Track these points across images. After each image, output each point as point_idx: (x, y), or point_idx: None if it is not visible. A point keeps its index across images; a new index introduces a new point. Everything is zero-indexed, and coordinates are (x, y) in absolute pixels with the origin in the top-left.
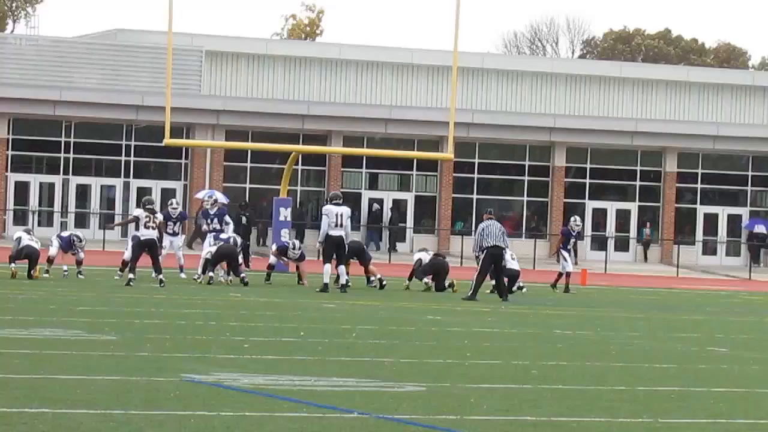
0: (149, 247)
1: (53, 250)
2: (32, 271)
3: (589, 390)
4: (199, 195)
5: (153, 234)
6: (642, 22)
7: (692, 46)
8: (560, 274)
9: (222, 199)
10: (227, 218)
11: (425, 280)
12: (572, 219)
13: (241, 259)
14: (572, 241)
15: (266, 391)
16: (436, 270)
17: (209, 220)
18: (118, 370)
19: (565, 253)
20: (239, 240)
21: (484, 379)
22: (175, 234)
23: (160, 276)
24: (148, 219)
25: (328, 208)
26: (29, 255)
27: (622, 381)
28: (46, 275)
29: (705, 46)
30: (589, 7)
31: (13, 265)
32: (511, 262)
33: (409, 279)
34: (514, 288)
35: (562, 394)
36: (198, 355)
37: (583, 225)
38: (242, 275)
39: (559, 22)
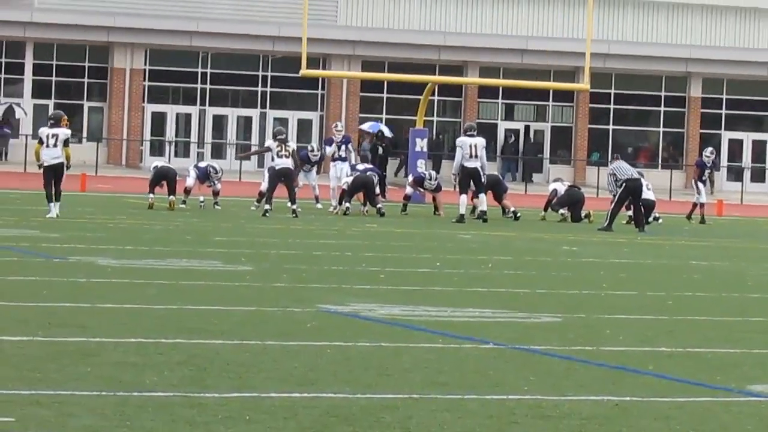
0: (285, 176)
1: (190, 180)
2: (170, 199)
3: (724, 321)
4: (364, 126)
5: (287, 162)
6: None
7: None
8: (695, 205)
9: (388, 133)
10: (350, 146)
11: (561, 211)
12: (706, 150)
13: (377, 190)
14: (707, 172)
15: (402, 322)
16: (572, 201)
17: (338, 147)
18: (253, 301)
19: (700, 185)
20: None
21: (619, 310)
22: (310, 168)
23: (294, 206)
24: (280, 148)
25: (462, 140)
26: (166, 175)
27: (758, 312)
28: (183, 206)
29: None
30: None
31: (151, 195)
32: (646, 193)
33: (545, 210)
34: (650, 219)
35: (698, 325)
36: (334, 286)
37: (719, 156)
38: (379, 206)
39: None
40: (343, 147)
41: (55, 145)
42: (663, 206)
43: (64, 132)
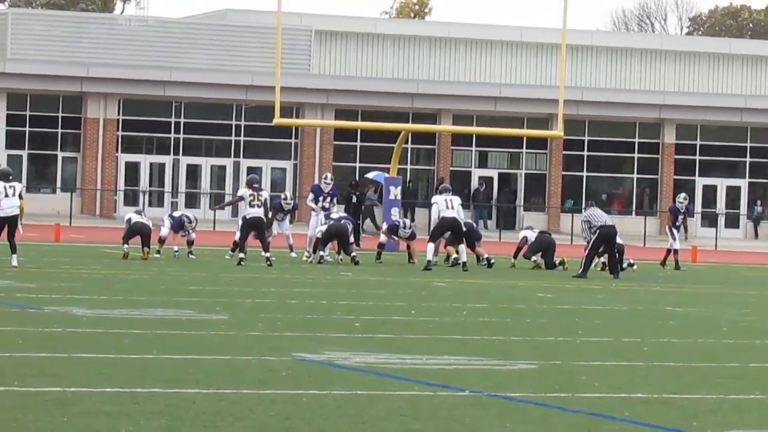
0: (256, 226)
1: (164, 230)
2: (145, 250)
3: (700, 367)
4: (369, 175)
5: (259, 212)
6: None
7: None
8: (669, 251)
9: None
10: (335, 200)
11: (534, 258)
12: (679, 196)
13: (352, 238)
14: (680, 218)
15: (377, 370)
16: (544, 247)
17: (322, 198)
18: (229, 350)
19: (674, 231)
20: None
21: (595, 357)
22: (284, 217)
23: (267, 254)
24: (252, 197)
25: (436, 197)
26: (141, 231)
27: (734, 358)
28: (157, 255)
29: None
30: None
31: (125, 246)
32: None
33: (514, 257)
34: (625, 265)
35: (674, 371)
36: (309, 334)
37: (693, 202)
38: (353, 254)
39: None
40: (329, 199)
41: (14, 195)
42: (637, 252)
43: (19, 185)
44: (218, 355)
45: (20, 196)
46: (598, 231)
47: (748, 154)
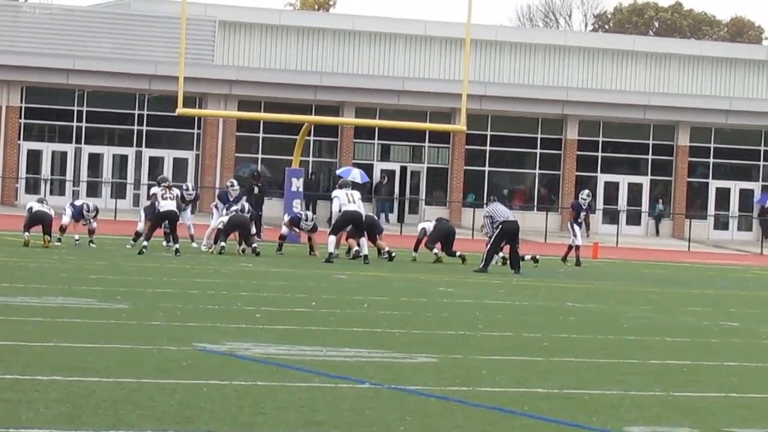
0: (169, 218)
1: (66, 218)
2: (45, 238)
3: (600, 363)
4: (338, 172)
5: (172, 205)
6: None
7: (704, 18)
8: (570, 247)
9: (359, 179)
10: (243, 203)
11: (435, 250)
12: (582, 192)
13: (253, 230)
14: (582, 214)
15: (278, 361)
16: (444, 235)
17: (227, 205)
18: (130, 339)
19: (576, 227)
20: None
21: (495, 351)
22: (185, 207)
23: (176, 245)
24: (164, 191)
25: (337, 192)
26: (42, 219)
27: (634, 354)
28: (58, 243)
29: (717, 19)
30: None
31: (26, 234)
32: None
33: (415, 250)
34: (528, 257)
35: (574, 366)
36: (210, 325)
37: (595, 199)
38: (254, 245)
39: None
40: (236, 206)
41: None
42: (538, 248)
43: None
44: (119, 344)
45: None
46: (500, 226)
47: (650, 152)
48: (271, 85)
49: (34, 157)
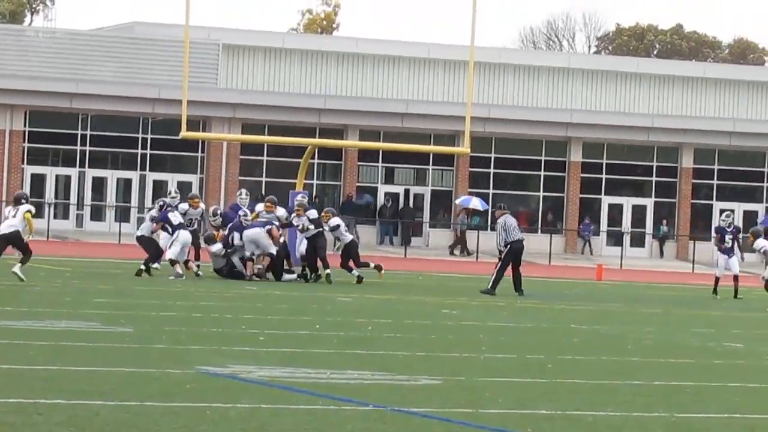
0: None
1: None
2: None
3: (604, 384)
4: (457, 201)
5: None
6: (654, 17)
7: (705, 40)
8: (717, 279)
9: (480, 206)
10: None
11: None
12: (723, 214)
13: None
14: (728, 237)
15: (282, 384)
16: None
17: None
18: (133, 362)
19: (723, 255)
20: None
21: (499, 373)
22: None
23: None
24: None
25: (339, 220)
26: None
27: (638, 375)
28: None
29: (718, 40)
30: (605, 2)
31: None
32: None
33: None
34: (372, 264)
35: (578, 388)
36: (213, 348)
37: (599, 221)
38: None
39: (575, 18)
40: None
41: (14, 216)
42: (543, 271)
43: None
44: (122, 367)
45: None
46: (510, 246)
47: (654, 174)
48: (274, 108)
49: (38, 181)
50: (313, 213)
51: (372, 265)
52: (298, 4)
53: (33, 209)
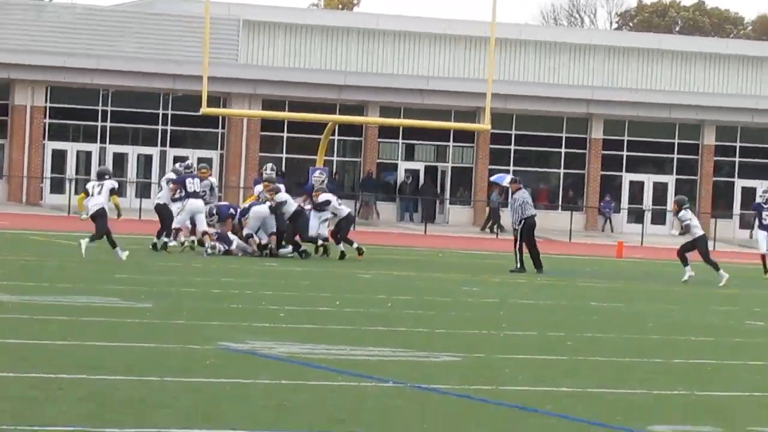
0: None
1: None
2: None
3: (624, 362)
4: (492, 178)
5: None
6: None
7: (727, 16)
8: (764, 257)
9: (506, 182)
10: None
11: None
12: (761, 190)
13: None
14: (765, 214)
15: (302, 360)
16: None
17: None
18: (153, 338)
19: (761, 233)
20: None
21: (519, 350)
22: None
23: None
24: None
25: (331, 196)
26: None
27: (658, 353)
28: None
29: (740, 16)
30: None
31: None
32: None
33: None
34: (355, 244)
35: (598, 365)
36: (233, 324)
37: (620, 198)
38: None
39: None
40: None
41: (99, 194)
42: (563, 248)
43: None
44: (142, 342)
45: (112, 192)
46: (524, 221)
47: (675, 151)
48: (295, 84)
49: (59, 157)
50: (281, 196)
51: (355, 245)
52: None
53: (116, 185)
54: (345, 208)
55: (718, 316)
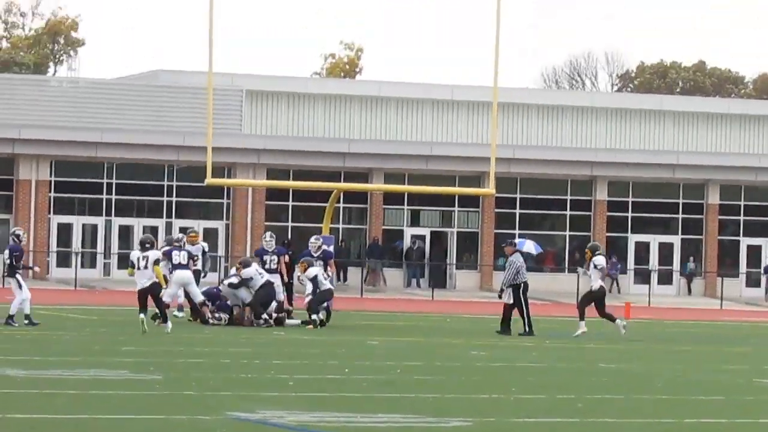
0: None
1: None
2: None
3: (635, 423)
4: (518, 245)
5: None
6: (676, 55)
7: (728, 76)
8: None
9: (533, 250)
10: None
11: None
12: None
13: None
14: None
15: (312, 428)
16: (326, 299)
17: (269, 259)
18: (163, 409)
19: None
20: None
21: (530, 414)
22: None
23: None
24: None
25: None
26: None
27: (669, 414)
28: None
29: (741, 76)
30: (627, 40)
31: None
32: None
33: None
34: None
35: (609, 427)
36: (243, 393)
37: (626, 259)
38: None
39: (597, 56)
40: (275, 258)
41: (146, 267)
42: (569, 310)
43: (154, 253)
44: (152, 414)
45: (156, 263)
46: (523, 284)
47: (680, 211)
48: (299, 153)
49: (65, 231)
50: (247, 272)
51: (315, 318)
52: (321, 49)
53: (160, 256)
54: (328, 284)
55: (728, 375)
